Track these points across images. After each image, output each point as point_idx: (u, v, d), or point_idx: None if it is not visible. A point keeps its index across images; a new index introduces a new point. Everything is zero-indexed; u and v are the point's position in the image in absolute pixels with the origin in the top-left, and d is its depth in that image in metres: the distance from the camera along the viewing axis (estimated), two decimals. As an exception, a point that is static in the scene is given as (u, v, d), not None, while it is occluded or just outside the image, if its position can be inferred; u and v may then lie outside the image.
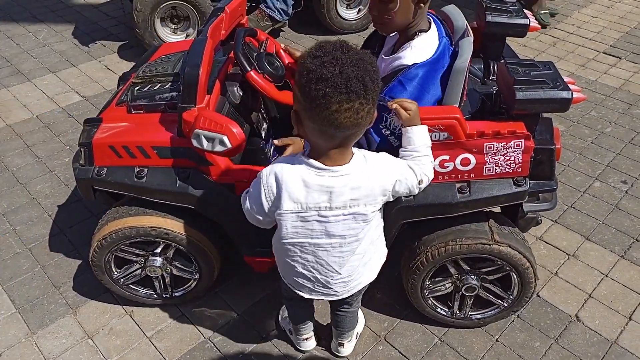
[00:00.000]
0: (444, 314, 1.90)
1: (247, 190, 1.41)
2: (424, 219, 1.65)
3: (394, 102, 1.42)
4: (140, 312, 2.01)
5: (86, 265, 2.15)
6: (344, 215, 1.30)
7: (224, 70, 1.82)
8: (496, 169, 1.60)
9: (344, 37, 3.72)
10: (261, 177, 1.30)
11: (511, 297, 1.82)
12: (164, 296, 1.98)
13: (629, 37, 3.81)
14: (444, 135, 1.51)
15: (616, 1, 4.45)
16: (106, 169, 1.71)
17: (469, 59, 1.54)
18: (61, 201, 2.52)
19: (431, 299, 1.87)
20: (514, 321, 1.97)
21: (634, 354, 1.86)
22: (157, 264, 1.86)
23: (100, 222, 1.83)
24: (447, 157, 1.56)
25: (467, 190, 1.61)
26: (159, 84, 1.83)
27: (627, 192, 2.55)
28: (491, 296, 1.85)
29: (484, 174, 1.61)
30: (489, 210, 1.73)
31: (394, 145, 1.50)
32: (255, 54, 1.79)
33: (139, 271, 1.91)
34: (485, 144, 1.55)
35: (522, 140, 1.55)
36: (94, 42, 3.86)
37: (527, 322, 1.97)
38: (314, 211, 1.29)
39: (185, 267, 1.90)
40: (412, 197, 1.55)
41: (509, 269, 1.73)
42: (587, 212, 2.43)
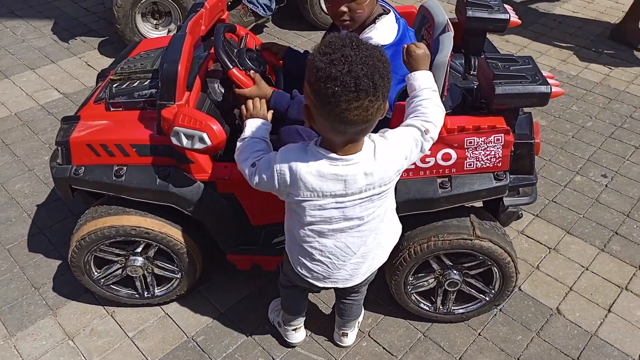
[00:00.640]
0: (427, 309, 1.91)
1: (252, 163, 1.36)
2: (405, 215, 1.65)
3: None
4: (122, 313, 1.99)
5: (66, 265, 2.11)
6: (360, 199, 1.31)
7: (204, 66, 1.80)
8: (477, 164, 1.61)
9: (328, 32, 3.69)
10: (274, 162, 1.29)
11: (493, 291, 1.84)
12: (146, 296, 1.96)
13: (609, 32, 3.85)
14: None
15: (597, -4, 4.50)
16: (84, 168, 1.69)
17: (450, 54, 1.54)
18: (40, 200, 2.48)
19: (414, 294, 1.88)
20: (496, 315, 1.99)
21: (613, 345, 1.89)
22: (138, 264, 1.84)
23: (79, 222, 1.80)
24: (428, 152, 1.56)
25: (449, 185, 1.62)
26: (138, 81, 1.81)
27: (607, 185, 2.58)
28: (473, 291, 1.86)
29: (465, 169, 1.62)
30: (470, 205, 1.74)
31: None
32: (235, 51, 1.78)
33: (120, 271, 1.88)
34: (465, 139, 1.56)
35: (502, 134, 1.56)
36: (73, 38, 3.80)
37: (509, 315, 1.99)
38: (330, 198, 1.29)
39: (167, 266, 1.88)
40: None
41: (490, 263, 1.75)
42: (567, 206, 2.46)
